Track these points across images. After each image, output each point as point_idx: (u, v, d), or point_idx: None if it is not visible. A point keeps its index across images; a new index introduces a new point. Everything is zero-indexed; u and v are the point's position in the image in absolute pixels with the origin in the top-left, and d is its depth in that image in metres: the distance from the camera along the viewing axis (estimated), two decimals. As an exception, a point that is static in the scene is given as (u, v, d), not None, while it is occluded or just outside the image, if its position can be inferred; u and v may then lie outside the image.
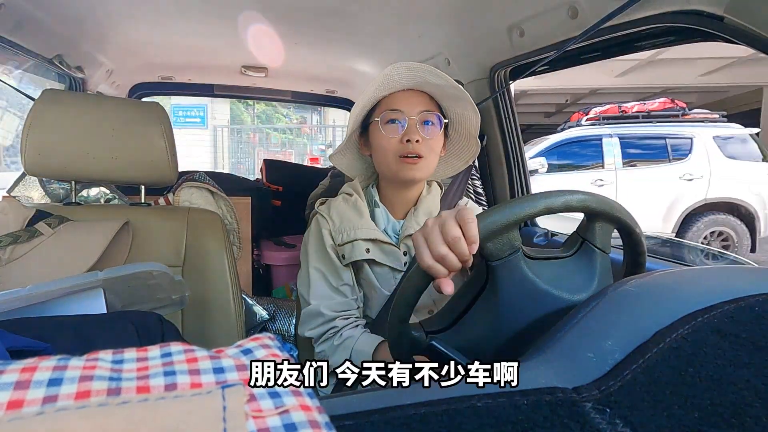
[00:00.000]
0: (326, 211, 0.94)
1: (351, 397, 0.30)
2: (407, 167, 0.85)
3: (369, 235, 0.89)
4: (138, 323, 0.62)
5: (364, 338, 0.84)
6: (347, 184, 0.98)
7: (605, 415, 0.28)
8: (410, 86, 0.87)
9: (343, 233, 0.90)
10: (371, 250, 0.89)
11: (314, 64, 1.81)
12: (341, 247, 0.90)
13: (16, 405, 0.16)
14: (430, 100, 0.88)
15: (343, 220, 0.91)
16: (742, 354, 0.31)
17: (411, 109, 0.85)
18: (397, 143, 0.85)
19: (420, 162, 0.85)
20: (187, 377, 0.18)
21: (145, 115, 0.97)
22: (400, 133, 0.85)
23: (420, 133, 0.84)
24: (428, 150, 0.86)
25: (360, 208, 0.91)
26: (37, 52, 1.20)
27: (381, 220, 0.93)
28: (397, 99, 0.86)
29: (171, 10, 1.26)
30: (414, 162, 0.85)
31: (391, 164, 0.87)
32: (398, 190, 0.93)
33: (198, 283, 0.94)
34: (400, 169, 0.86)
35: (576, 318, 0.39)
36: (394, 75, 0.83)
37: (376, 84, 0.84)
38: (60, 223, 0.89)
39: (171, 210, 1.04)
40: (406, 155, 0.84)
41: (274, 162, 2.48)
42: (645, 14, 0.81)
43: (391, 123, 0.86)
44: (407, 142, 0.84)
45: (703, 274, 0.49)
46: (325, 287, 0.90)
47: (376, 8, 1.21)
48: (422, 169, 0.86)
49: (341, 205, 0.93)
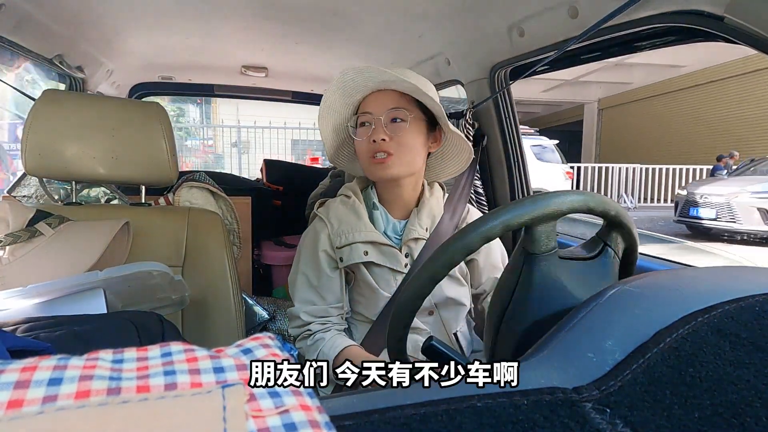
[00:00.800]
0: (325, 213, 0.94)
1: (351, 397, 0.30)
2: (377, 167, 0.86)
3: (367, 237, 0.89)
4: (138, 323, 0.62)
5: (331, 342, 0.87)
6: (345, 186, 0.99)
7: (605, 415, 0.28)
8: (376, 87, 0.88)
9: (341, 236, 0.90)
10: (369, 253, 0.89)
11: (314, 64, 1.81)
12: (339, 249, 0.90)
13: (16, 405, 0.16)
14: (402, 97, 0.87)
15: (341, 222, 0.91)
16: (742, 354, 0.31)
17: (379, 109, 0.86)
18: (368, 144, 0.86)
19: (389, 160, 0.85)
20: (187, 377, 0.18)
21: (145, 115, 0.97)
22: (367, 134, 0.86)
23: (386, 132, 0.85)
24: (397, 146, 0.85)
25: (358, 211, 0.91)
26: (38, 52, 1.20)
27: (380, 221, 0.92)
28: (369, 101, 0.88)
29: (171, 10, 1.26)
30: (382, 161, 0.85)
31: (366, 166, 0.89)
32: (390, 190, 0.93)
33: (198, 283, 0.94)
34: (372, 170, 0.88)
35: (576, 318, 0.39)
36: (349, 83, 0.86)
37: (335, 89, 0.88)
38: (60, 223, 0.89)
39: (171, 210, 1.04)
40: (373, 155, 0.85)
41: (274, 162, 2.48)
42: (645, 14, 0.80)
43: (362, 126, 0.88)
44: (374, 142, 0.85)
45: (703, 274, 0.49)
46: (308, 292, 0.92)
47: (376, 8, 1.21)
48: (393, 166, 0.86)
49: (340, 208, 0.93)
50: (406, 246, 0.91)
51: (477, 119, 1.38)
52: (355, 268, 0.91)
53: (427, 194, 0.95)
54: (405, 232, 0.92)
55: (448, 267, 0.53)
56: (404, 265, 0.91)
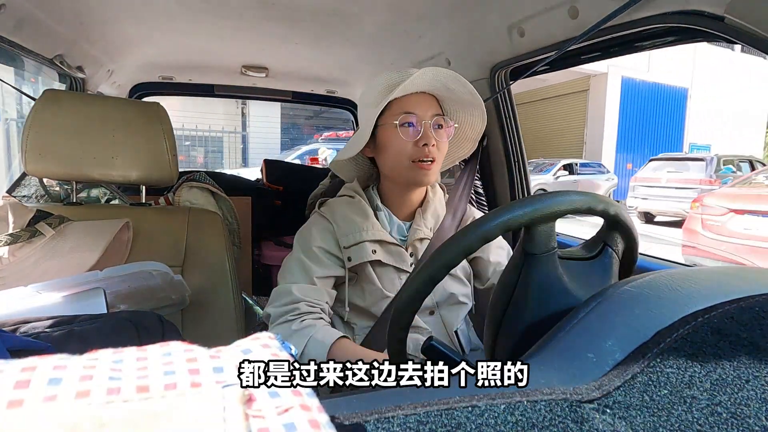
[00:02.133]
0: (329, 213, 0.92)
1: (351, 397, 0.30)
2: (422, 172, 0.85)
3: (375, 236, 0.88)
4: (138, 323, 0.62)
5: (325, 330, 0.81)
6: (347, 186, 0.98)
7: (605, 415, 0.28)
8: (428, 90, 0.86)
9: (348, 236, 0.89)
10: (377, 252, 0.89)
11: (314, 64, 1.81)
12: (347, 249, 0.89)
13: (16, 404, 0.16)
14: (437, 102, 0.88)
15: (348, 222, 0.90)
16: (742, 354, 0.31)
17: (424, 112, 0.85)
18: (413, 147, 0.84)
19: (433, 166, 0.85)
20: (186, 377, 0.18)
21: (146, 115, 0.97)
22: (415, 137, 0.84)
23: (434, 137, 0.84)
24: (440, 154, 0.86)
25: (365, 210, 0.91)
26: (38, 52, 1.20)
27: (384, 222, 0.92)
28: (410, 102, 0.85)
29: (172, 10, 1.26)
30: (428, 167, 0.84)
31: (404, 168, 0.86)
32: (403, 192, 0.92)
33: (198, 283, 0.94)
34: (414, 174, 0.85)
35: (576, 318, 0.39)
36: (417, 80, 0.82)
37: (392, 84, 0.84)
38: (60, 223, 0.89)
39: (171, 210, 1.04)
40: (421, 159, 0.84)
41: (274, 162, 2.48)
42: (645, 14, 0.80)
43: (407, 126, 0.85)
44: (423, 146, 0.83)
45: (703, 274, 0.49)
46: (302, 274, 0.87)
47: (376, 8, 1.21)
48: (434, 173, 0.86)
49: (345, 208, 0.92)
50: (412, 246, 0.91)
51: (477, 119, 1.38)
52: (359, 268, 0.90)
53: (431, 195, 0.95)
54: (411, 232, 0.92)
55: (447, 268, 0.53)
56: (410, 264, 0.91)
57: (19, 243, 0.83)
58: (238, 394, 0.18)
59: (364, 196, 0.94)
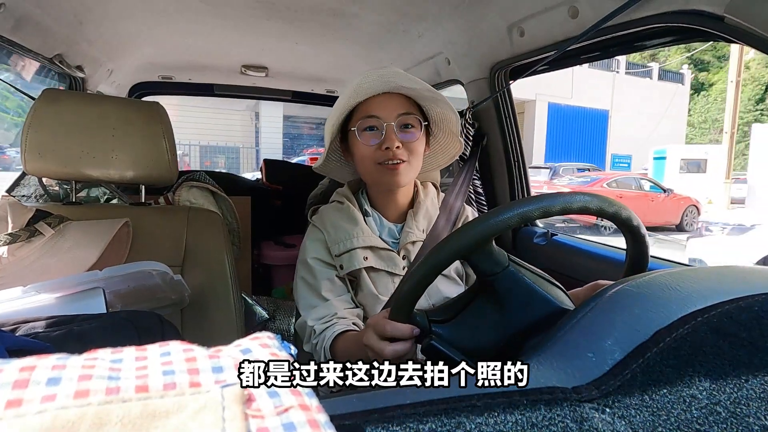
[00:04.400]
0: (320, 222, 0.92)
1: (351, 397, 0.30)
2: (388, 174, 0.83)
3: (366, 242, 0.87)
4: (138, 323, 0.62)
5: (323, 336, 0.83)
6: (337, 192, 0.97)
7: (605, 415, 0.28)
8: (384, 90, 0.83)
9: (339, 243, 0.88)
10: (369, 258, 0.88)
11: (314, 64, 1.81)
12: (339, 257, 0.88)
13: (15, 404, 0.16)
14: (407, 100, 0.85)
15: (338, 230, 0.89)
16: (741, 354, 0.31)
17: (388, 114, 0.82)
18: (376, 151, 0.82)
19: (401, 167, 0.82)
20: (186, 376, 0.18)
21: (145, 115, 0.97)
22: (378, 141, 0.82)
23: (398, 139, 0.81)
24: (409, 154, 0.83)
25: (354, 216, 0.89)
26: (37, 51, 1.20)
27: (374, 226, 0.91)
28: (374, 104, 0.83)
29: (171, 9, 1.26)
30: (395, 168, 0.82)
31: (372, 172, 0.85)
32: (387, 195, 0.91)
33: (198, 283, 0.94)
34: (382, 176, 0.84)
35: (576, 318, 0.39)
36: (365, 84, 0.80)
37: (349, 92, 0.81)
38: (60, 223, 0.89)
39: (171, 209, 1.04)
40: (385, 162, 0.82)
41: (274, 162, 2.48)
42: (645, 14, 0.80)
43: (369, 130, 0.83)
44: (386, 150, 0.81)
45: (703, 274, 0.49)
46: (309, 297, 0.88)
47: (376, 8, 1.21)
48: (404, 173, 0.84)
49: (334, 215, 0.91)
50: (404, 249, 0.90)
51: (477, 119, 1.38)
52: (356, 274, 0.90)
53: (421, 195, 0.94)
54: (402, 236, 0.91)
55: (440, 268, 0.53)
56: (402, 268, 0.90)
57: (19, 242, 0.83)
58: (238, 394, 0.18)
59: (354, 200, 0.93)
